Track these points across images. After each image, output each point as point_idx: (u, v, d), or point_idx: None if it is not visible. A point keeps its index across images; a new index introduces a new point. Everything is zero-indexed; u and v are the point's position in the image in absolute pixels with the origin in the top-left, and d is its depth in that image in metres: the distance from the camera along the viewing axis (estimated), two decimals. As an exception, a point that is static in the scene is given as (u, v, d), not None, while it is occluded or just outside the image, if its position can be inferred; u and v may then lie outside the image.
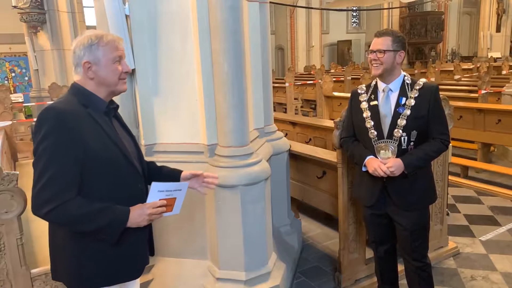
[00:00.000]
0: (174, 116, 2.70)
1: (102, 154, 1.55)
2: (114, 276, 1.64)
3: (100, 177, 1.56)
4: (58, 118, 1.48)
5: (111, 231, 1.54)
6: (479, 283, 3.01)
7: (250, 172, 2.48)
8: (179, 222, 2.70)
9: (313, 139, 4.56)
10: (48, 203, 1.45)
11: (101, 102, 1.64)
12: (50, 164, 1.46)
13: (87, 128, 1.54)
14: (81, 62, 1.58)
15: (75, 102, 1.58)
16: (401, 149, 2.20)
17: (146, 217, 1.58)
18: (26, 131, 8.57)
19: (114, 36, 1.65)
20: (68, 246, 1.59)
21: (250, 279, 2.57)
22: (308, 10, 19.13)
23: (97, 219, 1.51)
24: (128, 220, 1.56)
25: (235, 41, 2.42)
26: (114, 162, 1.60)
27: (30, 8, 9.54)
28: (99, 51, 1.59)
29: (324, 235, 3.87)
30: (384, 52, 2.18)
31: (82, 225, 1.51)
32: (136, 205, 1.59)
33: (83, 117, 1.55)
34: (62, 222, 1.52)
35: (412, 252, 2.35)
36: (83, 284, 1.62)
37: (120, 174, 1.62)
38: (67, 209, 1.47)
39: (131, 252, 1.66)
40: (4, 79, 14.74)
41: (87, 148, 1.51)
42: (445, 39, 23.28)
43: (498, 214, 4.23)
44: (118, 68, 1.63)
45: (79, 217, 1.49)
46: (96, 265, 1.60)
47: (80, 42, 1.59)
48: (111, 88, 1.64)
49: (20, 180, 2.20)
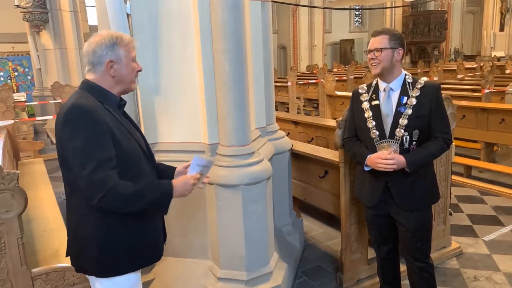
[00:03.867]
0: (175, 115, 2.69)
1: (126, 145, 1.65)
2: (139, 260, 1.73)
3: (125, 166, 1.63)
4: (88, 114, 1.55)
5: (162, 204, 1.66)
6: (482, 283, 2.99)
7: (252, 172, 2.47)
8: (181, 221, 2.70)
9: (315, 138, 4.55)
10: (99, 191, 1.52)
11: (114, 97, 1.73)
12: (89, 157, 1.52)
13: (109, 121, 1.61)
14: (104, 60, 1.65)
15: (92, 98, 1.64)
16: (403, 149, 2.19)
17: (189, 187, 1.71)
18: (28, 130, 8.60)
19: (129, 36, 1.74)
20: (95, 238, 1.64)
21: (251, 279, 2.56)
22: (311, 9, 19.11)
23: (147, 195, 1.61)
24: (174, 191, 1.67)
25: (237, 40, 2.40)
26: (135, 152, 1.70)
27: (33, 7, 9.56)
28: (121, 50, 1.67)
29: (326, 234, 3.86)
30: (381, 50, 2.17)
31: (135, 203, 1.59)
32: (179, 177, 1.74)
33: (103, 111, 1.62)
34: (117, 205, 1.58)
35: (414, 252, 2.33)
36: (112, 271, 1.68)
37: (139, 163, 1.72)
38: (118, 191, 1.55)
39: (153, 235, 1.77)
40: (7, 78, 14.77)
41: (114, 139, 1.59)
42: (448, 38, 23.20)
43: (501, 214, 4.21)
44: (135, 67, 1.73)
45: (130, 196, 1.57)
46: (122, 252, 1.67)
47: (101, 41, 1.65)
48: (126, 86, 1.73)
49: (23, 179, 2.20)
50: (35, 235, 2.84)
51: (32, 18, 9.71)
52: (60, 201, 3.39)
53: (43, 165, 4.83)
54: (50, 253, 2.63)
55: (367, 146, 2.30)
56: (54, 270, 2.30)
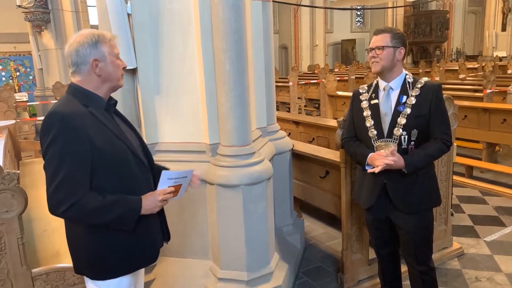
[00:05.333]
0: (176, 115, 2.69)
1: (108, 150, 1.60)
2: (132, 263, 1.73)
3: (109, 171, 1.61)
4: (63, 121, 1.53)
5: (128, 220, 1.62)
6: (483, 284, 2.98)
7: (252, 172, 2.47)
8: (181, 221, 2.69)
9: (316, 138, 4.54)
10: (64, 203, 1.51)
11: (101, 100, 1.68)
12: (61, 166, 1.51)
13: (91, 126, 1.58)
14: (89, 60, 1.62)
15: (76, 102, 1.61)
16: (401, 149, 2.16)
17: (158, 203, 1.68)
18: (30, 130, 8.61)
19: (110, 34, 1.72)
20: (86, 240, 1.64)
21: (252, 279, 2.55)
22: (312, 9, 19.10)
23: (113, 210, 1.58)
24: (142, 207, 1.64)
25: (237, 40, 2.40)
26: (121, 156, 1.65)
27: (35, 7, 9.59)
28: (104, 48, 1.64)
29: (326, 235, 3.85)
30: (382, 48, 2.15)
31: (99, 218, 1.57)
32: (148, 193, 1.69)
33: (86, 116, 1.59)
34: (80, 218, 1.58)
35: (415, 256, 2.30)
36: (104, 275, 1.68)
37: (127, 167, 1.67)
38: (82, 205, 1.53)
39: (146, 238, 1.74)
40: (8, 78, 14.80)
41: (94, 146, 1.56)
42: (450, 38, 23.16)
43: (503, 214, 4.19)
44: (120, 64, 1.70)
45: (95, 211, 1.55)
46: (115, 255, 1.66)
47: (83, 41, 1.62)
48: (113, 83, 1.70)
49: (24, 179, 2.20)
50: (35, 235, 2.83)
51: (33, 18, 9.74)
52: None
53: (44, 165, 4.82)
54: (50, 253, 2.62)
55: (366, 146, 2.28)
56: (54, 270, 2.30)
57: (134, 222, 1.63)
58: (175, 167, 2.46)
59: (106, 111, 1.69)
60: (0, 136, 4.24)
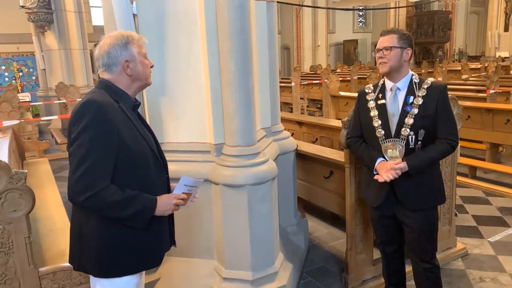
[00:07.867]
0: (181, 115, 2.70)
1: (134, 146, 1.64)
2: (139, 263, 1.73)
3: (131, 167, 1.64)
4: (99, 111, 1.56)
5: (141, 218, 1.64)
6: (487, 284, 2.98)
7: (257, 172, 2.47)
8: (186, 221, 2.70)
9: (319, 138, 4.54)
10: (85, 192, 1.53)
11: (130, 98, 1.74)
12: (90, 154, 1.53)
13: (121, 121, 1.62)
14: (120, 61, 1.66)
15: (108, 97, 1.65)
16: (409, 148, 2.18)
17: (171, 207, 1.71)
18: (33, 130, 8.65)
19: (138, 34, 1.77)
20: (98, 237, 1.65)
21: (256, 279, 2.56)
22: (314, 9, 19.09)
23: (130, 206, 1.60)
24: (156, 208, 1.67)
25: (243, 40, 2.41)
26: (143, 154, 1.69)
27: (38, 8, 9.62)
28: (134, 48, 1.69)
29: (331, 235, 3.85)
30: (390, 49, 2.17)
31: (116, 212, 1.59)
32: (163, 195, 1.72)
33: (117, 111, 1.63)
34: (98, 209, 1.59)
35: (420, 253, 2.33)
36: (111, 273, 1.69)
37: (148, 165, 1.71)
38: (104, 196, 1.55)
39: (155, 239, 1.75)
40: (11, 78, 14.83)
41: (122, 140, 1.60)
42: (452, 38, 23.13)
43: (506, 215, 4.19)
44: (148, 63, 1.76)
45: (114, 204, 1.57)
46: (123, 254, 1.67)
47: (113, 42, 1.67)
48: (143, 82, 1.76)
49: (28, 179, 2.21)
50: (41, 235, 2.85)
51: (36, 18, 9.76)
52: (66, 200, 3.39)
53: (48, 165, 4.85)
54: (56, 252, 2.64)
55: (373, 145, 2.30)
56: (61, 269, 2.31)
57: (147, 220, 1.65)
58: (180, 167, 2.49)
59: (132, 109, 1.75)
60: (5, 136, 4.26)
